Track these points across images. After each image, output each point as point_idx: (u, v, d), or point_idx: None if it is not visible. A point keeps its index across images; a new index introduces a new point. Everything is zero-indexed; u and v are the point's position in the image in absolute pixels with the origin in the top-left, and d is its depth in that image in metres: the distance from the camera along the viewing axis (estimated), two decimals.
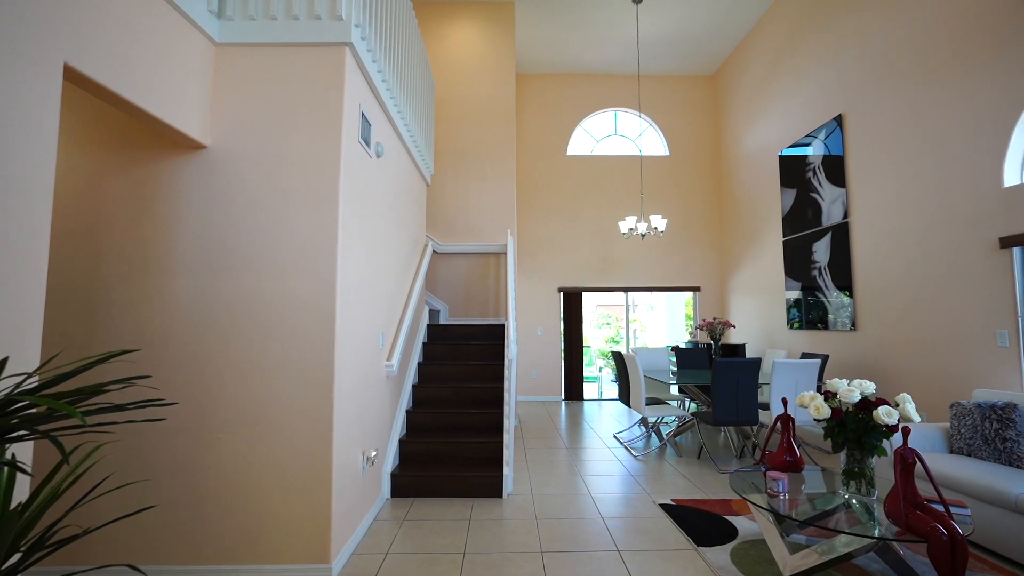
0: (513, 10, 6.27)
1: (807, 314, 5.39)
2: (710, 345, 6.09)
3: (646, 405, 4.56)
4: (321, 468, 2.33)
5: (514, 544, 2.66)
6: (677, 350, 5.75)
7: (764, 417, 4.29)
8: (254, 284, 2.40)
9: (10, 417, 0.97)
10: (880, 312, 4.38)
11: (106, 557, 2.28)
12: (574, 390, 7.57)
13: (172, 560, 2.29)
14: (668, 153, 7.86)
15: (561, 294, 7.65)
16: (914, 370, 4.00)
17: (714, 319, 5.56)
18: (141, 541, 2.30)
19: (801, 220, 5.52)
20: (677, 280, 7.67)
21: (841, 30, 4.94)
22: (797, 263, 5.58)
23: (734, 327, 6.35)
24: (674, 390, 5.77)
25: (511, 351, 3.86)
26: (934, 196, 3.86)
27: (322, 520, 2.32)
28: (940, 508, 1.93)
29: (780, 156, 5.93)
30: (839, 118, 4.91)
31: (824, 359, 4.55)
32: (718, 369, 3.98)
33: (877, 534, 1.96)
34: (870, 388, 2.32)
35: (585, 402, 7.49)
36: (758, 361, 4.01)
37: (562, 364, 7.62)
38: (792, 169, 5.70)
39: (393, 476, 3.38)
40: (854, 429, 2.26)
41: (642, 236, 5.95)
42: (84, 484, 2.18)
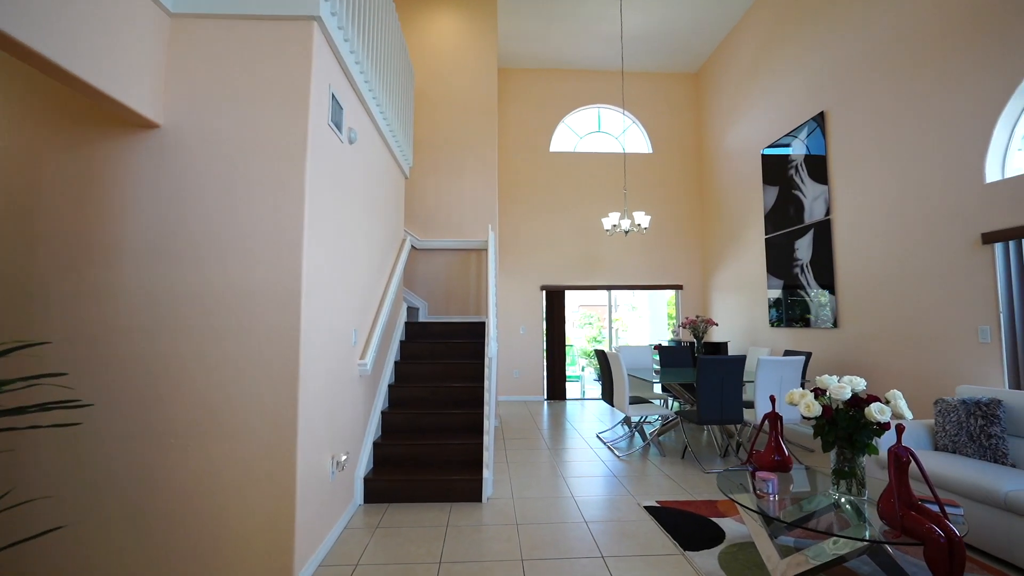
0: (495, 0, 6.13)
1: (789, 312, 5.37)
2: (692, 343, 6.05)
3: (629, 404, 4.47)
4: (283, 475, 2.15)
5: (493, 552, 2.52)
6: (660, 348, 5.69)
7: (747, 415, 4.24)
8: (211, 274, 2.20)
9: None
10: (862, 309, 4.37)
11: None
12: (557, 389, 7.46)
13: None
14: (651, 151, 7.81)
15: (543, 292, 7.54)
16: (896, 367, 3.99)
17: (697, 317, 5.52)
18: (72, 564, 2.07)
19: (783, 217, 5.50)
20: (660, 278, 7.63)
21: (822, 28, 4.94)
22: (779, 261, 5.57)
23: (717, 325, 6.32)
24: (657, 388, 5.70)
25: (491, 348, 3.72)
26: (916, 192, 3.85)
27: (284, 532, 2.13)
28: (933, 508, 1.86)
29: (762, 155, 5.92)
30: (821, 115, 4.90)
31: (807, 356, 4.53)
32: (703, 367, 3.90)
33: (872, 537, 1.87)
34: (861, 385, 2.24)
35: (568, 402, 7.39)
36: (743, 358, 3.95)
37: (544, 363, 7.51)
38: (774, 166, 5.69)
39: (367, 481, 3.21)
40: (845, 427, 2.18)
41: (625, 233, 5.87)
42: None
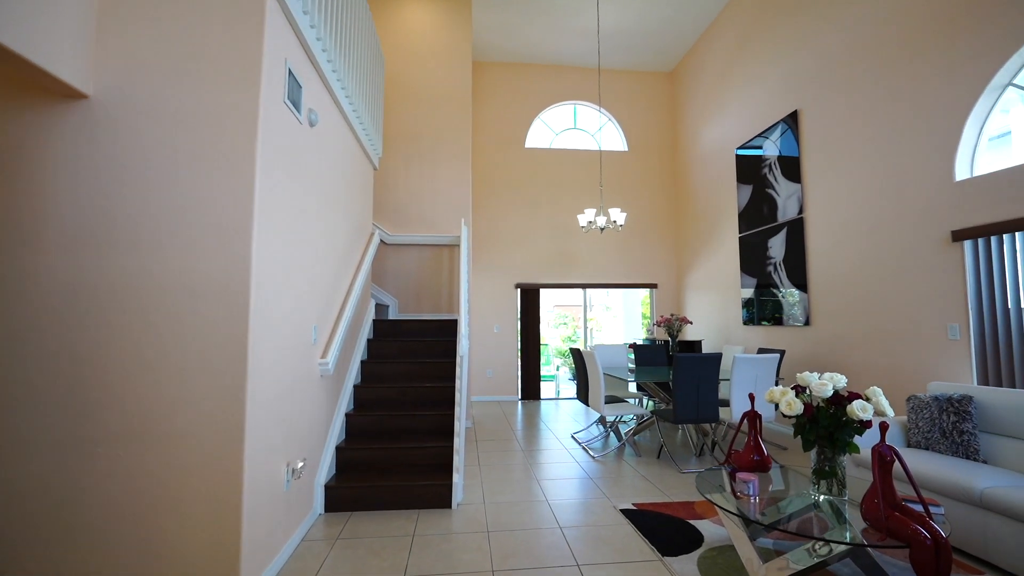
0: None
1: (762, 310, 5.39)
2: (667, 342, 6.02)
3: (605, 404, 4.37)
4: (228, 486, 1.94)
5: (462, 563, 2.36)
6: (635, 347, 5.63)
7: (722, 414, 4.20)
8: (148, 263, 1.98)
9: None
10: (834, 307, 4.40)
11: None
12: (531, 389, 7.34)
13: None
14: (627, 149, 7.78)
15: (518, 290, 7.41)
16: (867, 364, 4.01)
17: (672, 315, 5.48)
18: None
19: (757, 216, 5.52)
20: (635, 277, 7.60)
21: (795, 29, 4.96)
22: (753, 259, 5.58)
23: (691, 323, 6.31)
24: (632, 387, 5.64)
25: (463, 346, 3.56)
26: (887, 191, 3.88)
27: (229, 549, 1.92)
28: (916, 507, 1.80)
29: (736, 154, 5.93)
30: (794, 114, 4.92)
31: (781, 354, 4.53)
32: (680, 364, 3.83)
33: (855, 539, 1.80)
34: (842, 382, 2.18)
35: (542, 401, 7.27)
36: (719, 356, 3.89)
37: (519, 362, 7.37)
38: (748, 165, 5.71)
39: (328, 488, 3.00)
40: (826, 426, 2.12)
41: (601, 230, 5.80)
42: None
